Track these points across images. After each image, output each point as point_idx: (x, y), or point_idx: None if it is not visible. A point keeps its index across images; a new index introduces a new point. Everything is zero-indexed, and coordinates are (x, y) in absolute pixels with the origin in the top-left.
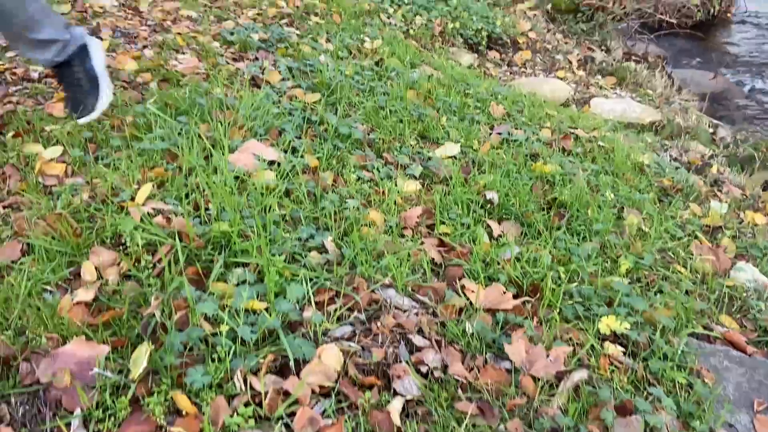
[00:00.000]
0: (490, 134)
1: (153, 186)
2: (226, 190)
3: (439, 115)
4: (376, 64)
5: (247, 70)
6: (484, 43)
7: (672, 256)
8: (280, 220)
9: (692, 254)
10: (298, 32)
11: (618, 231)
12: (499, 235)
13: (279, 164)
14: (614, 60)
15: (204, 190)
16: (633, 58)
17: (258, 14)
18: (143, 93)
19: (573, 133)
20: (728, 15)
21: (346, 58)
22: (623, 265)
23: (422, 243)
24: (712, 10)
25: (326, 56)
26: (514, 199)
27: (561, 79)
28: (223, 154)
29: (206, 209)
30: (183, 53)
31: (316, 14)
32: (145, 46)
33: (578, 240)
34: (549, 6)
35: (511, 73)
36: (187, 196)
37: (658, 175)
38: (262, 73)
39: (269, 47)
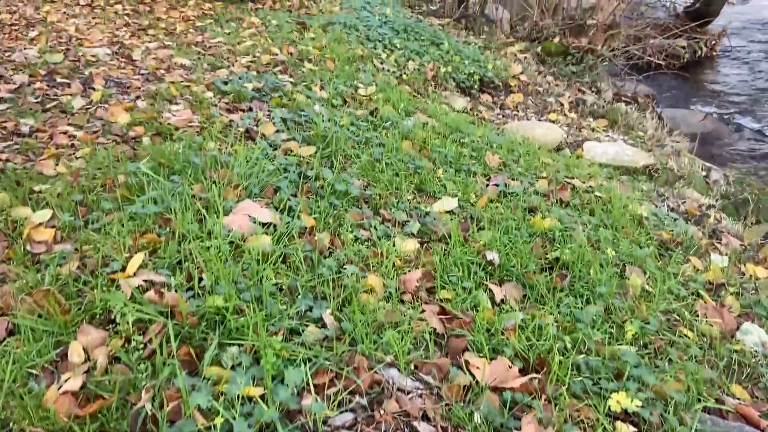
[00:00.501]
0: (487, 185)
1: (145, 254)
2: (220, 259)
3: (435, 166)
4: (371, 113)
5: (241, 123)
6: (476, 86)
7: (677, 318)
8: (277, 291)
9: (697, 315)
10: (291, 80)
11: (621, 292)
12: (502, 300)
13: (275, 227)
14: (605, 102)
15: (197, 259)
16: (623, 98)
17: (251, 61)
18: (135, 148)
19: (569, 183)
20: (713, 53)
21: (340, 106)
22: (629, 330)
23: (423, 311)
24: (699, 52)
25: (321, 105)
26: (514, 259)
27: (553, 122)
28: (217, 217)
29: (200, 280)
30: (176, 104)
31: (309, 61)
32: (138, 97)
33: (582, 302)
34: (539, 49)
35: (503, 116)
36: (180, 263)
37: (656, 227)
38: (257, 126)
39: (263, 96)
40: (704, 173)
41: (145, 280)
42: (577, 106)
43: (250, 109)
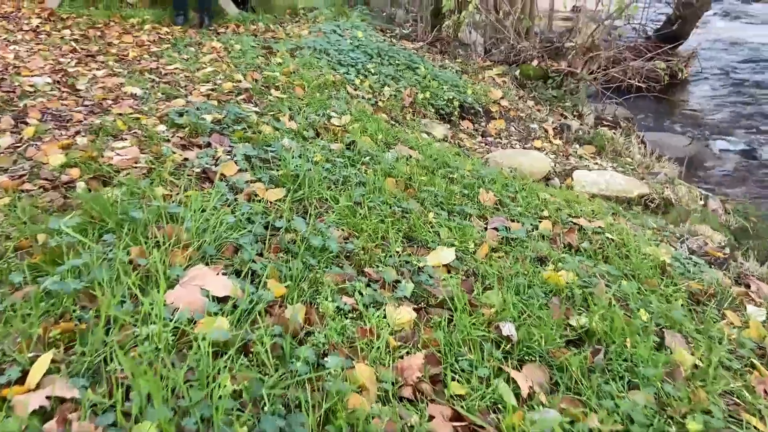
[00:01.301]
0: (485, 229)
1: (57, 351)
2: (158, 358)
3: (424, 209)
4: (348, 146)
5: (197, 161)
6: (456, 113)
7: (737, 400)
8: (235, 406)
9: (755, 392)
10: (257, 109)
11: (668, 369)
12: (529, 395)
13: (234, 303)
14: (589, 127)
15: (121, 365)
16: (605, 123)
17: (212, 90)
18: (67, 196)
19: (575, 224)
20: (686, 75)
21: (312, 139)
22: (692, 428)
23: (431, 418)
24: (680, 74)
25: (290, 139)
26: (535, 331)
27: (539, 149)
28: (158, 292)
29: (127, 393)
30: (122, 139)
31: (276, 88)
32: (78, 132)
33: (624, 388)
34: (517, 72)
35: (486, 143)
36: (106, 362)
37: (682, 275)
38: (216, 164)
39: (224, 129)
40: (702, 201)
41: (50, 397)
42: (561, 132)
43: (209, 145)
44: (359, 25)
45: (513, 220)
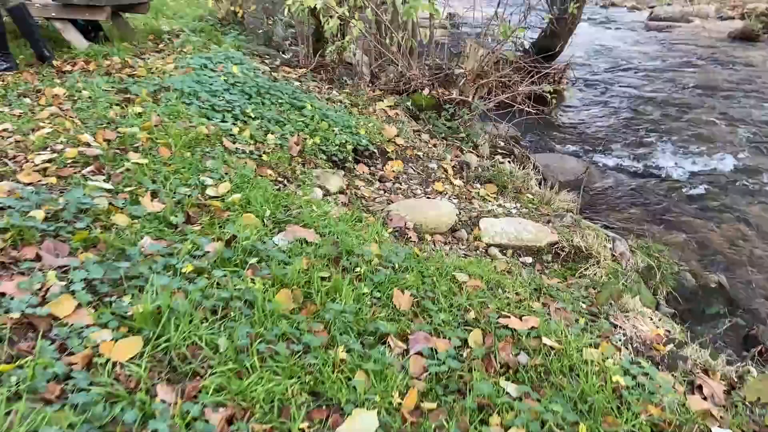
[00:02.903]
0: (406, 356)
1: None
2: None
3: (332, 339)
4: (227, 243)
5: (16, 303)
6: (350, 158)
7: None
8: None
9: None
10: (109, 186)
11: None
12: None
13: None
14: (489, 163)
15: None
16: (499, 151)
17: (49, 161)
18: None
19: (507, 328)
20: (561, 87)
21: (182, 225)
22: None
23: None
24: (565, 98)
25: (152, 231)
26: None
27: (440, 193)
28: None
29: None
30: None
31: (136, 150)
32: None
33: None
34: (409, 102)
35: (385, 191)
36: None
37: (639, 398)
38: (43, 303)
39: (61, 230)
40: (610, 245)
41: None
42: (461, 169)
43: (39, 258)
44: (234, 56)
45: (437, 333)
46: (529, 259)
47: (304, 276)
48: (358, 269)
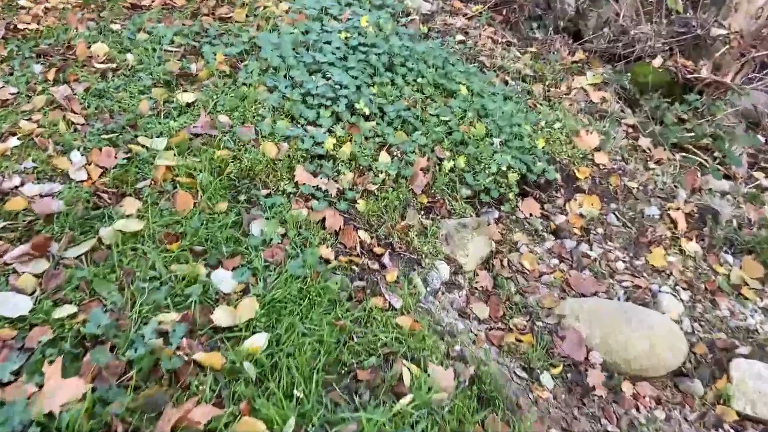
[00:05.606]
0: None
1: None
2: None
3: None
4: None
5: None
6: (513, 194)
7: None
8: None
9: None
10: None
11: None
12: None
13: None
14: (744, 198)
15: None
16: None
17: None
18: None
19: None
20: None
21: None
22: None
23: None
24: None
25: None
26: None
27: (660, 272)
28: None
29: None
30: None
31: (138, 196)
32: None
33: None
34: (626, 78)
35: (561, 259)
36: None
37: None
38: None
39: None
40: None
41: None
42: (702, 222)
43: None
44: None
45: None
46: None
47: None
48: None
